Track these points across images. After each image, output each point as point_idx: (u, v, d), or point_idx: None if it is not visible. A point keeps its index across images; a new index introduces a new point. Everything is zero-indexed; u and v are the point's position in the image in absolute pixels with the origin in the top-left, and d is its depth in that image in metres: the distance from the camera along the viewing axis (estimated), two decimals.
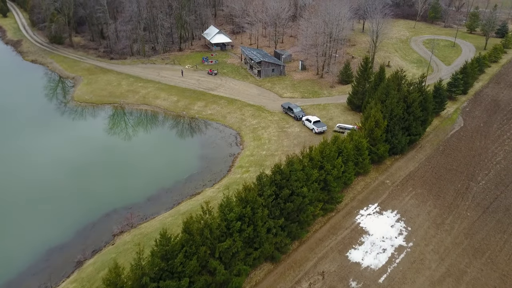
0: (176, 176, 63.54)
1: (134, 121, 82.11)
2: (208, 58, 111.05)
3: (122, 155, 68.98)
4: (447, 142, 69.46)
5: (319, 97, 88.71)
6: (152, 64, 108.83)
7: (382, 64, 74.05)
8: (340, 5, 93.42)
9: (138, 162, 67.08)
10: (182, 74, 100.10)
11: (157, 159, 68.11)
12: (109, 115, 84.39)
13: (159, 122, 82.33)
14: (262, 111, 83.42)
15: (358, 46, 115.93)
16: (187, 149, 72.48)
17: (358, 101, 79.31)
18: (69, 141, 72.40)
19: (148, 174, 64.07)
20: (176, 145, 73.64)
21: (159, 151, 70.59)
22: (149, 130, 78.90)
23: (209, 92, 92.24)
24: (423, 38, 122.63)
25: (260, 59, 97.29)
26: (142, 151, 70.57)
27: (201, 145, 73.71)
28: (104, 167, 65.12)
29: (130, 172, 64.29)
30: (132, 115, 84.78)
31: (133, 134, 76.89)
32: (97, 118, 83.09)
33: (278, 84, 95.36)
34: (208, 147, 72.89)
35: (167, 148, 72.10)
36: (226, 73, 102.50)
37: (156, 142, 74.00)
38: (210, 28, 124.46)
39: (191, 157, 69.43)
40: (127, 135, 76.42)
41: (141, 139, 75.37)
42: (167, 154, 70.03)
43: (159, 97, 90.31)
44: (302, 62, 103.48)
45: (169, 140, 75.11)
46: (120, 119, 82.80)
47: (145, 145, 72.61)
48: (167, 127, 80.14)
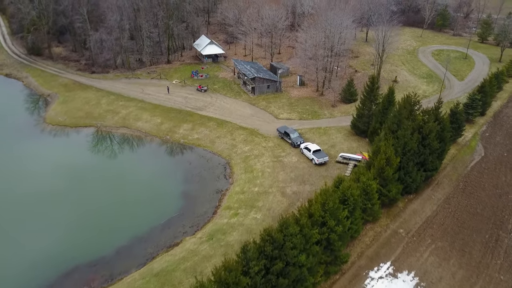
0: (152, 220, 54.30)
1: (110, 149, 72.68)
2: (198, 72, 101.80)
3: (89, 193, 59.41)
4: (468, 177, 60.15)
5: (319, 118, 79.42)
6: (137, 79, 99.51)
7: (391, 85, 64.96)
8: (342, 15, 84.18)
9: (108, 202, 57.75)
10: (168, 91, 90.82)
11: (131, 197, 58.76)
12: (82, 141, 74.92)
13: (138, 150, 72.91)
14: (256, 135, 74.14)
15: (361, 58, 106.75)
16: (167, 183, 63.07)
17: (364, 125, 70.06)
18: (24, 174, 62.90)
19: (120, 218, 54.85)
20: (155, 179, 64.18)
21: (134, 188, 61.13)
22: (125, 160, 69.38)
23: (197, 112, 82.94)
24: (431, 49, 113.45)
25: (254, 75, 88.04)
26: (114, 187, 61.19)
27: (184, 178, 64.38)
28: (65, 209, 55.71)
29: (97, 216, 54.95)
30: (108, 141, 75.38)
31: (106, 166, 67.46)
32: (67, 145, 73.70)
33: (274, 103, 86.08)
34: (192, 181, 63.59)
35: (144, 183, 62.62)
36: (217, 89, 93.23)
37: (131, 176, 64.55)
38: (201, 38, 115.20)
39: (172, 195, 60.11)
40: (98, 167, 66.92)
41: (114, 172, 65.88)
42: (143, 191, 60.60)
43: (141, 119, 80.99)
44: (301, 77, 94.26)
45: (147, 172, 65.67)
46: (94, 146, 73.35)
47: (118, 180, 63.16)
48: (147, 156, 70.70)
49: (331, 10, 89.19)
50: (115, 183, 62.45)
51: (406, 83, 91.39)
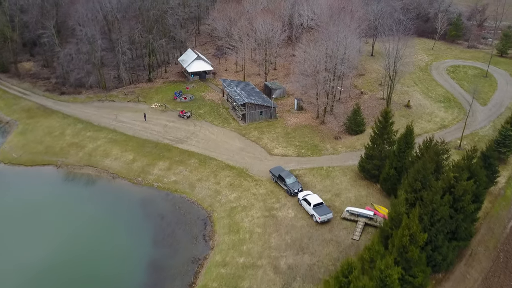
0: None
1: (67, 197, 60.10)
2: (182, 93, 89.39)
3: (25, 266, 46.93)
4: (509, 243, 47.76)
5: (320, 154, 67.01)
6: (111, 101, 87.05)
7: (409, 125, 52.65)
8: (347, 30, 71.67)
9: (48, 272, 45.35)
10: (145, 119, 78.37)
11: (80, 272, 46.33)
12: (36, 184, 62.61)
13: (102, 197, 60.31)
14: (245, 177, 61.82)
15: (367, 77, 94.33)
16: (130, 247, 50.64)
17: (374, 169, 57.70)
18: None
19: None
20: (116, 240, 51.79)
21: (86, 254, 48.78)
22: (83, 213, 56.49)
23: (177, 145, 70.57)
24: (445, 64, 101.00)
25: (244, 100, 75.62)
26: (62, 252, 48.82)
27: (153, 240, 52.13)
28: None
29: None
30: (67, 185, 62.98)
31: (57, 220, 54.69)
32: (18, 190, 61.19)
33: (268, 133, 73.67)
34: (163, 244, 51.32)
35: (100, 246, 50.24)
36: (202, 115, 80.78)
37: (86, 235, 52.06)
38: (187, 53, 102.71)
39: (134, 264, 47.80)
40: (48, 221, 54.41)
41: (66, 229, 53.02)
42: (97, 258, 48.34)
43: (110, 155, 68.58)
44: (298, 101, 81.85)
45: (107, 230, 53.30)
46: (46, 193, 60.67)
47: (68, 241, 50.59)
48: (111, 207, 58.14)
49: (333, 23, 76.65)
50: (64, 245, 49.96)
51: (421, 109, 79.00)
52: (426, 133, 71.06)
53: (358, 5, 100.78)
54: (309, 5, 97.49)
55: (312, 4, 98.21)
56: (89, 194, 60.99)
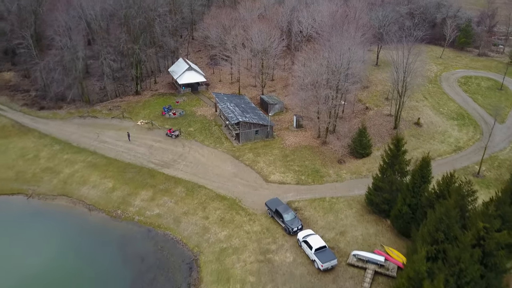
0: None
1: (31, 234, 52.73)
2: (172, 108, 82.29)
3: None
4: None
5: (322, 182, 59.93)
6: (93, 118, 79.85)
7: (426, 156, 45.68)
8: (351, 42, 64.52)
9: None
10: (129, 138, 71.25)
11: None
12: (1, 218, 55.43)
13: (75, 234, 53.07)
14: (237, 210, 54.76)
15: (372, 89, 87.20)
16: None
17: (383, 203, 50.61)
18: None
19: None
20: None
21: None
22: (50, 255, 49.29)
23: (163, 170, 63.48)
24: (456, 75, 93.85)
25: (238, 118, 68.53)
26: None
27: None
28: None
29: None
30: (37, 219, 55.73)
31: (15, 266, 47.54)
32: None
33: (264, 155, 66.58)
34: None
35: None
36: (192, 134, 73.67)
37: (52, 283, 44.95)
38: (178, 63, 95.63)
39: None
40: (4, 265, 47.26)
41: (26, 275, 45.92)
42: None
43: (88, 182, 61.47)
44: (297, 118, 74.76)
45: (77, 278, 46.09)
46: (11, 228, 53.50)
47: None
48: (84, 246, 50.93)
49: (335, 32, 69.54)
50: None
51: (432, 127, 71.91)
52: (440, 156, 64.10)
53: (362, 11, 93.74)
54: (310, 12, 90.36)
55: (313, 10, 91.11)
56: (61, 230, 53.69)
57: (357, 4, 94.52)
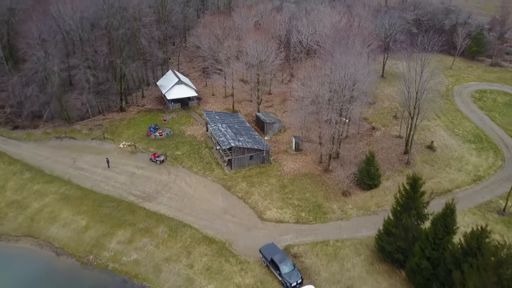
0: None
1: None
2: (158, 127, 74.85)
3: None
4: None
5: (325, 220, 52.47)
6: (71, 139, 72.35)
7: (450, 202, 38.45)
8: (357, 60, 57.03)
9: None
10: (108, 165, 63.73)
11: None
12: None
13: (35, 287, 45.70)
14: (227, 257, 47.31)
15: (379, 106, 79.75)
16: None
17: (397, 251, 43.20)
18: None
19: None
20: None
21: None
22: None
23: (144, 204, 56.04)
24: (469, 89, 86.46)
25: (230, 143, 61.05)
26: None
27: None
28: None
29: None
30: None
31: None
32: None
33: (259, 185, 59.14)
34: None
35: None
36: (179, 158, 66.22)
37: None
38: (167, 75, 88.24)
39: None
40: None
41: None
42: None
43: (58, 219, 53.97)
44: (297, 140, 67.35)
45: None
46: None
47: None
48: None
49: (339, 45, 62.12)
50: None
51: (447, 152, 64.52)
52: (458, 188, 56.67)
53: (366, 19, 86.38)
54: (310, 20, 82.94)
55: (313, 18, 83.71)
56: (20, 280, 46.20)
57: (361, 12, 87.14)
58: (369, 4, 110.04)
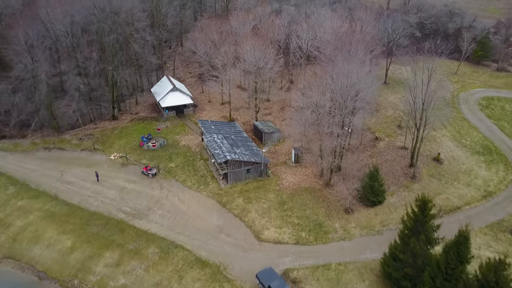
0: None
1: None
2: (151, 137, 71.60)
3: None
4: None
5: (326, 240, 49.25)
6: (60, 150, 69.08)
7: (463, 230, 35.18)
8: (360, 68, 53.79)
9: None
10: (98, 179, 60.44)
11: None
12: None
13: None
14: (221, 282, 44.13)
15: (382, 114, 76.48)
16: None
17: (404, 278, 39.96)
18: None
19: None
20: None
21: None
22: None
23: (134, 222, 52.78)
24: (476, 96, 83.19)
25: (226, 156, 57.77)
26: None
27: None
28: None
29: None
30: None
31: None
32: None
33: (256, 201, 55.89)
34: None
35: None
36: (173, 171, 62.95)
37: None
38: (161, 82, 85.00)
39: None
40: None
41: None
42: None
43: (42, 239, 50.68)
44: (296, 152, 64.09)
45: None
46: None
47: None
48: None
49: (340, 53, 58.95)
50: None
51: (455, 164, 61.26)
52: (468, 205, 53.42)
53: (369, 23, 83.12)
54: (310, 25, 79.66)
55: (314, 23, 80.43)
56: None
57: (363, 16, 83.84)
58: (371, 7, 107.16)
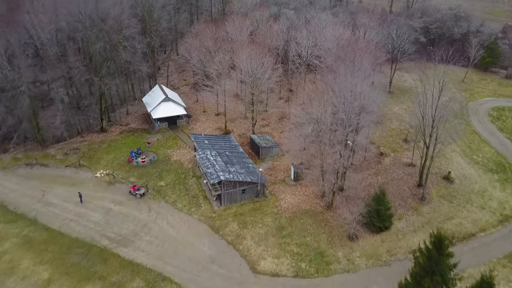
0: None
1: None
2: (141, 152, 67.17)
3: None
4: None
5: (328, 272, 44.83)
6: (43, 166, 64.65)
7: (487, 276, 30.86)
8: (365, 83, 49.38)
9: None
10: (81, 200, 55.93)
11: None
12: None
13: None
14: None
15: (387, 126, 72.07)
16: None
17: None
18: None
19: None
20: None
21: None
22: None
23: (119, 250, 48.34)
24: (486, 106, 78.73)
25: (219, 176, 53.29)
26: None
27: None
28: None
29: None
30: None
31: None
32: None
33: (252, 226, 51.49)
34: None
35: None
36: (162, 191, 58.50)
37: None
38: (152, 92, 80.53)
39: None
40: None
41: None
42: None
43: (17, 271, 46.16)
44: (296, 170, 59.62)
45: None
46: None
47: None
48: None
49: (343, 64, 54.50)
50: None
51: (467, 184, 56.87)
52: (483, 231, 49.13)
53: (372, 29, 78.66)
54: (310, 31, 75.21)
55: (314, 29, 76.01)
56: None
57: (366, 21, 79.36)
58: (373, 10, 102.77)
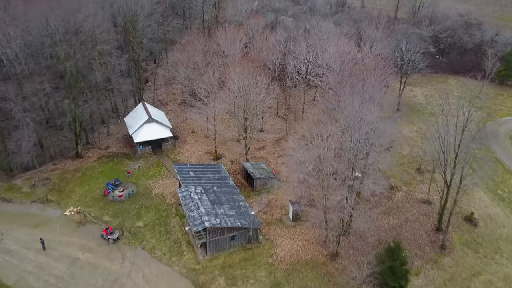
0: None
1: None
2: (119, 183, 59.16)
3: None
4: None
5: None
6: (6, 202, 56.56)
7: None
8: (374, 112, 41.49)
9: None
10: (44, 247, 47.89)
11: None
12: None
13: None
14: None
15: (397, 153, 63.99)
16: None
17: None
18: None
19: None
20: None
21: None
22: None
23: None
24: (506, 127, 70.65)
25: (204, 222, 45.26)
26: None
27: None
28: None
29: None
30: None
31: None
32: None
33: (242, 282, 43.54)
34: None
35: None
36: (139, 234, 50.45)
37: None
38: (135, 111, 72.59)
39: None
40: None
41: None
42: None
43: None
44: (295, 209, 51.61)
45: None
46: None
47: None
48: None
49: (347, 85, 46.71)
50: None
51: (493, 228, 48.93)
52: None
53: (380, 42, 70.69)
54: (310, 44, 67.27)
55: (315, 42, 68.11)
56: None
57: (372, 34, 71.39)
58: (378, 18, 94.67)
